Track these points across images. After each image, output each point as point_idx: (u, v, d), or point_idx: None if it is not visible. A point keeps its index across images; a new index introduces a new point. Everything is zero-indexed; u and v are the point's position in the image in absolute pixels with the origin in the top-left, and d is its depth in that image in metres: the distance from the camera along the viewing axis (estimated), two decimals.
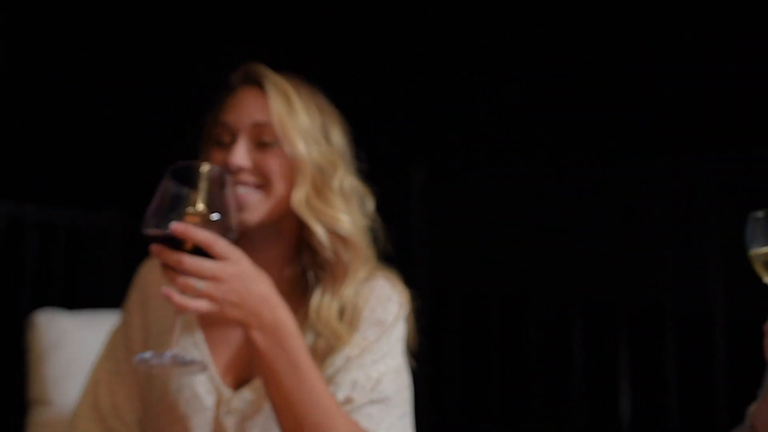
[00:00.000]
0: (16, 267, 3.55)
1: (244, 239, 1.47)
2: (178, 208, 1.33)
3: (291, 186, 1.52)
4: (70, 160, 5.08)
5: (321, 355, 1.51)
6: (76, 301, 3.70)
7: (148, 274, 1.65)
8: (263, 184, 1.51)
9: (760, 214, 1.45)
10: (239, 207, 1.45)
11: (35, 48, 5.51)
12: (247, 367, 1.55)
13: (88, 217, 3.83)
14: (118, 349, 1.62)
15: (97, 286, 3.82)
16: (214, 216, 1.35)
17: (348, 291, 1.54)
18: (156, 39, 4.93)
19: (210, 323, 1.59)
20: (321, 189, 1.54)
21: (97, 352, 1.72)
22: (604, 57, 3.96)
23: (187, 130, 1.87)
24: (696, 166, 2.89)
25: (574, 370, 2.80)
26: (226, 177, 1.36)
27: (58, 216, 3.72)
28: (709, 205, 2.73)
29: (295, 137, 1.51)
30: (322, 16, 4.80)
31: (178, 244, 1.31)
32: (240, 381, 1.54)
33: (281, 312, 1.38)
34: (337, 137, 1.59)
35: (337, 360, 1.50)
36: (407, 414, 1.55)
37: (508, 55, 4.26)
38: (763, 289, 1.38)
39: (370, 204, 1.63)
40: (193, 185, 1.34)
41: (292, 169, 1.52)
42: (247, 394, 1.51)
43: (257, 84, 1.55)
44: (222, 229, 1.35)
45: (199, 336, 1.57)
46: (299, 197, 1.51)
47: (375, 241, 1.61)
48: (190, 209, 1.35)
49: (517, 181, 2.99)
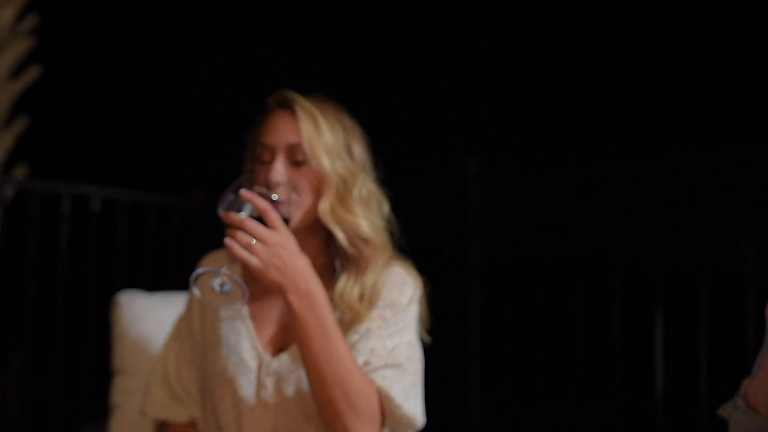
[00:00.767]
0: (110, 247, 3.92)
1: (294, 236, 1.78)
2: (249, 188, 1.70)
3: (319, 197, 1.83)
4: (161, 148, 5.52)
5: (344, 329, 1.82)
6: (165, 279, 4.03)
7: (206, 264, 1.98)
8: (296, 197, 1.83)
9: None
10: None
11: (124, 41, 5.97)
12: (284, 338, 1.87)
13: (177, 199, 4.12)
14: (182, 331, 1.97)
15: (185, 265, 4.09)
16: (274, 196, 1.72)
17: (368, 279, 1.85)
18: (231, 34, 5.33)
19: (254, 300, 1.91)
20: (344, 198, 1.84)
21: (168, 331, 2.07)
22: (647, 47, 4.13)
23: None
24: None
25: (612, 336, 3.01)
26: None
27: (148, 199, 4.01)
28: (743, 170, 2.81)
29: (321, 155, 1.81)
30: (379, 11, 5.09)
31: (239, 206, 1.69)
32: (278, 349, 1.86)
33: (315, 284, 1.72)
34: (358, 150, 1.89)
35: (358, 332, 1.81)
36: (419, 383, 1.84)
37: (553, 47, 4.46)
38: None
39: (386, 206, 1.93)
40: None
41: (320, 183, 1.82)
42: (284, 358, 1.83)
43: (290, 108, 1.85)
44: (278, 208, 1.73)
45: (245, 311, 1.90)
46: (325, 207, 1.82)
47: (392, 234, 1.91)
48: (258, 188, 1.72)
49: (563, 170, 3.21)
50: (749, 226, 2.65)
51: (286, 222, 1.76)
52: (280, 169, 1.81)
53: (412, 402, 1.81)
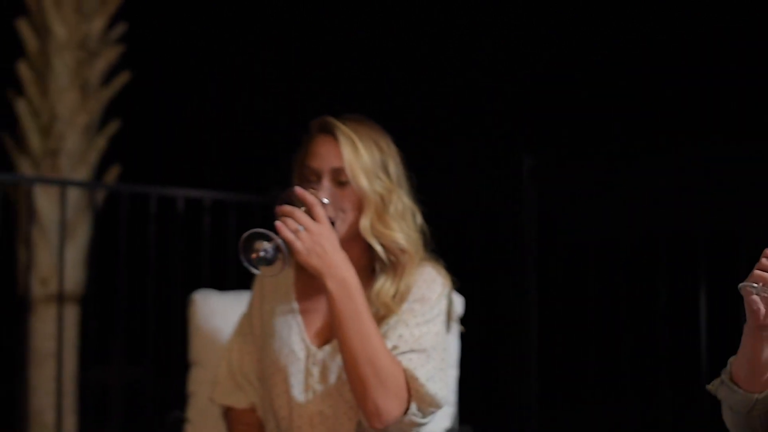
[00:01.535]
0: (195, 244, 4.20)
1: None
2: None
3: (360, 213, 2.10)
4: (242, 149, 5.86)
5: (377, 323, 2.07)
6: (247, 274, 4.41)
7: (265, 275, 2.25)
8: (340, 215, 2.10)
9: None
10: None
11: (207, 47, 6.32)
12: (329, 332, 2.14)
13: (257, 197, 4.36)
14: (244, 328, 2.26)
15: None
16: (325, 200, 2.01)
17: (403, 281, 2.11)
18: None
19: (303, 297, 2.20)
20: (382, 214, 2.10)
21: (233, 329, 2.36)
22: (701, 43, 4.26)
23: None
24: None
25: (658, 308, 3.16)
26: None
27: (229, 198, 4.30)
28: None
29: (361, 177, 2.07)
30: (440, 16, 5.34)
31: (296, 205, 1.97)
32: (323, 341, 2.14)
33: (350, 273, 2.01)
34: (393, 168, 2.15)
35: (388, 324, 2.07)
36: (444, 369, 2.09)
37: (603, 50, 4.63)
38: None
39: (419, 217, 2.19)
40: None
41: (361, 201, 2.09)
42: (327, 349, 2.11)
43: (331, 134, 2.10)
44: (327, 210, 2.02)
45: (295, 305, 2.19)
46: (365, 224, 2.09)
47: (425, 239, 2.17)
48: (311, 190, 2.01)
49: (614, 167, 3.38)
50: None
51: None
52: (326, 191, 2.07)
53: (435, 383, 2.05)
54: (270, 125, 5.91)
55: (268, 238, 1.94)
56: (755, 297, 1.74)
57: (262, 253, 1.94)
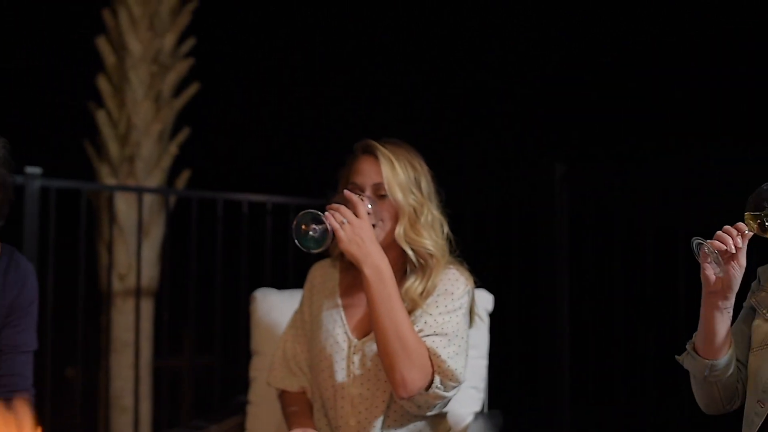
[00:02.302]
0: (258, 245, 4.49)
1: None
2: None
3: (396, 222, 2.44)
4: (300, 155, 6.18)
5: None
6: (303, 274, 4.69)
7: (315, 272, 2.66)
8: (379, 224, 2.44)
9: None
10: None
11: (269, 60, 6.63)
12: (368, 325, 2.48)
13: (315, 201, 4.55)
14: (296, 321, 2.62)
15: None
16: (368, 205, 2.36)
17: (430, 281, 2.45)
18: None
19: (346, 295, 2.56)
20: (414, 224, 2.44)
21: (288, 322, 2.72)
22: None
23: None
24: None
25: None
26: None
27: (290, 201, 4.54)
28: None
29: (397, 191, 2.42)
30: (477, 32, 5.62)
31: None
32: (363, 333, 2.49)
33: (384, 262, 2.34)
34: (425, 185, 2.49)
35: (415, 315, 2.41)
36: (463, 352, 2.42)
37: (630, 68, 4.88)
38: None
39: (446, 227, 2.52)
40: None
41: (397, 212, 2.43)
42: (367, 340, 2.45)
43: (372, 154, 2.45)
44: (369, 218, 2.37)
45: (339, 302, 2.56)
46: (399, 232, 2.43)
47: (451, 245, 2.51)
48: (359, 193, 2.37)
49: (638, 172, 3.63)
50: None
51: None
52: (367, 202, 2.42)
53: (455, 361, 2.38)
54: (327, 134, 6.24)
55: (320, 222, 2.30)
56: (707, 264, 2.03)
57: (311, 233, 2.30)
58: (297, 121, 6.64)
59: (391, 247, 2.46)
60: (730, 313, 2.10)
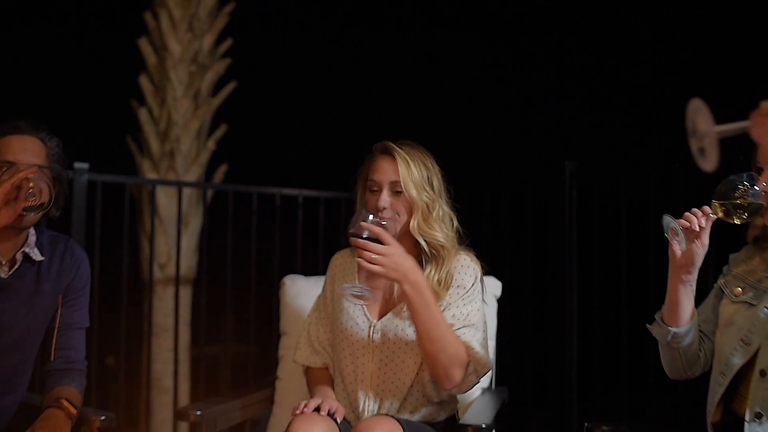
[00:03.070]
0: (290, 235, 4.71)
1: None
2: (365, 218, 2.59)
3: (411, 216, 2.73)
4: (330, 150, 6.43)
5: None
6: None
7: (336, 260, 2.96)
8: (395, 217, 2.73)
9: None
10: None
11: (301, 59, 6.86)
12: (384, 307, 2.79)
13: (344, 194, 4.80)
14: (320, 305, 2.93)
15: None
16: (384, 222, 2.59)
17: (444, 269, 2.74)
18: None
19: (365, 281, 2.82)
20: (426, 217, 2.73)
21: (312, 306, 3.01)
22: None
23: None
24: None
25: None
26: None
27: (320, 194, 4.77)
28: None
29: (411, 188, 2.71)
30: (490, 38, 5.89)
31: (370, 239, 2.56)
32: (381, 315, 2.79)
33: (419, 275, 2.60)
34: (437, 183, 2.78)
35: (440, 306, 2.69)
36: (487, 337, 2.72)
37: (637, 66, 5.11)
38: None
39: (455, 221, 2.81)
40: None
41: (411, 207, 2.72)
42: (385, 320, 2.76)
43: (390, 155, 2.74)
44: (385, 212, 2.65)
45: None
46: (414, 225, 2.73)
47: (460, 237, 2.79)
48: (370, 218, 2.60)
49: (639, 169, 3.87)
50: None
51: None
52: (385, 198, 2.72)
53: (485, 350, 2.70)
54: (355, 132, 6.49)
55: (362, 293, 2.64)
56: (675, 241, 2.31)
57: (355, 292, 2.63)
58: (327, 119, 6.92)
59: (406, 237, 2.76)
60: (693, 287, 2.38)
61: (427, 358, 2.65)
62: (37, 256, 2.79)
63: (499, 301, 3.35)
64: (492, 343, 3.21)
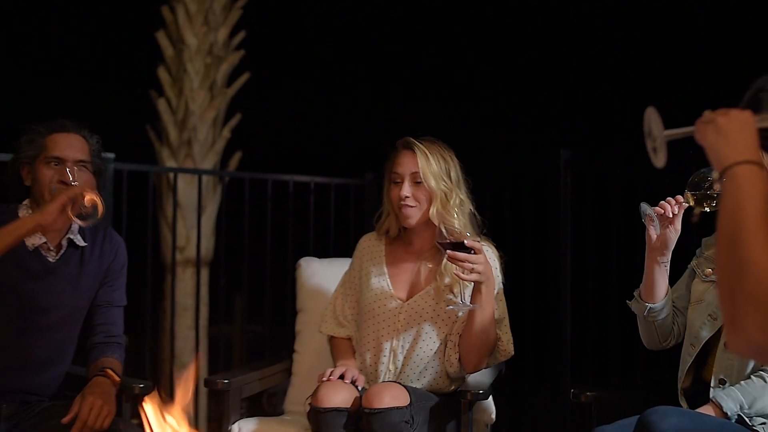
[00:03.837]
0: (303, 220, 5.01)
1: (416, 229, 3.08)
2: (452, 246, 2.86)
3: (430, 204, 3.02)
4: (341, 139, 6.72)
5: (447, 290, 3.04)
6: (345, 244, 5.01)
7: (363, 243, 3.26)
8: (417, 205, 3.04)
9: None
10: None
11: (313, 52, 7.10)
12: (411, 290, 3.10)
13: (353, 181, 5.12)
14: (346, 282, 3.23)
15: (359, 233, 5.16)
16: (466, 242, 2.81)
17: None
18: None
19: (391, 264, 3.16)
20: (445, 205, 3.03)
21: (333, 284, 3.30)
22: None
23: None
24: None
25: None
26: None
27: (330, 181, 5.05)
28: None
29: (430, 179, 3.01)
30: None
31: (459, 246, 2.82)
32: (409, 296, 3.09)
33: (492, 275, 2.91)
34: (454, 174, 3.07)
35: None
36: (508, 326, 3.04)
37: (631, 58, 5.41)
38: None
39: (471, 208, 3.09)
40: None
41: (431, 196, 3.02)
42: (412, 302, 3.06)
43: (411, 149, 3.04)
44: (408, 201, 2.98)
45: (385, 269, 3.16)
46: (433, 212, 3.03)
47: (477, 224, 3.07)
48: (454, 237, 2.83)
49: (630, 157, 4.16)
50: None
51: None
52: (407, 188, 3.04)
53: (510, 339, 3.05)
54: (364, 121, 6.83)
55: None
56: (651, 226, 2.63)
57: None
58: (337, 108, 7.22)
59: (427, 224, 3.08)
60: (667, 267, 2.70)
61: (468, 347, 2.98)
62: (80, 241, 3.09)
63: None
64: None
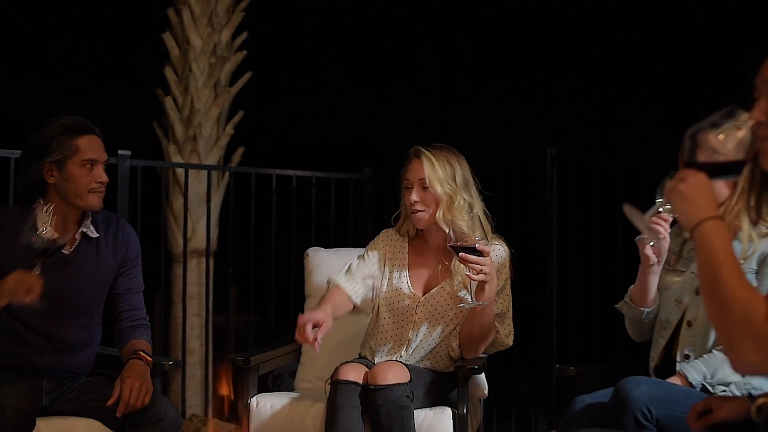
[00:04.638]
0: (305, 212, 5.33)
1: (429, 229, 3.39)
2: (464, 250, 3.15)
3: (437, 207, 3.32)
4: (340, 136, 7.04)
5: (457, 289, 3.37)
6: (344, 235, 5.43)
7: (383, 237, 3.57)
8: (426, 209, 3.35)
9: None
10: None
11: (312, 51, 7.33)
12: (428, 284, 3.42)
13: (352, 175, 5.45)
14: (363, 261, 3.50)
15: (357, 225, 5.51)
16: (477, 245, 3.09)
17: None
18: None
19: (412, 262, 3.48)
20: (450, 208, 3.33)
21: (336, 271, 3.55)
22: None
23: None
24: None
25: None
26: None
27: (331, 176, 5.36)
28: None
29: (436, 185, 3.32)
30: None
31: (470, 249, 3.11)
32: (426, 290, 3.41)
33: (495, 275, 3.18)
34: (459, 178, 3.36)
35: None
36: (511, 318, 3.38)
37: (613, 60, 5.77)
38: None
39: (476, 209, 3.37)
40: None
41: (437, 200, 3.32)
42: (428, 296, 3.39)
43: (419, 157, 3.34)
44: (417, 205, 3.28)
45: (406, 266, 3.46)
46: (439, 215, 3.34)
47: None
48: (464, 243, 3.11)
49: (612, 157, 4.53)
50: None
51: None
52: (416, 194, 3.36)
53: (509, 332, 3.39)
54: (362, 118, 7.16)
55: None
56: (648, 247, 2.95)
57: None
58: (337, 106, 7.55)
59: (436, 226, 3.38)
60: (659, 273, 3.01)
61: (467, 337, 3.32)
62: (93, 233, 3.36)
63: None
64: None
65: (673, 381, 2.86)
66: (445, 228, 3.29)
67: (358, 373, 3.22)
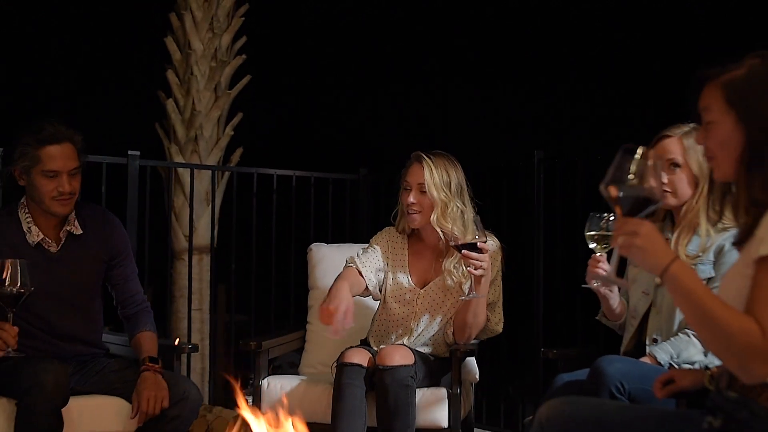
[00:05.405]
0: (304, 211, 5.61)
1: (424, 228, 3.73)
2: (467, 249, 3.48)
3: (432, 211, 3.63)
4: (337, 137, 7.34)
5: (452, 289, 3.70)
6: (341, 233, 5.68)
7: (385, 235, 3.89)
8: (421, 211, 3.67)
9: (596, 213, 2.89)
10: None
11: (310, 55, 7.63)
12: (427, 277, 3.75)
13: (349, 176, 5.73)
14: (370, 250, 3.82)
15: (354, 223, 5.80)
16: (479, 244, 3.43)
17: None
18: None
19: (412, 257, 3.80)
20: (444, 212, 3.66)
21: (339, 266, 3.85)
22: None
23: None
24: None
25: None
26: None
27: (328, 176, 5.65)
28: None
29: (432, 189, 3.65)
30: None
31: (471, 246, 3.44)
32: (424, 283, 3.74)
33: (490, 269, 3.51)
34: (454, 185, 3.69)
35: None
36: (501, 307, 3.72)
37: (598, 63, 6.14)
38: None
39: (470, 215, 3.70)
40: None
41: (432, 204, 3.63)
42: (427, 288, 3.73)
43: (419, 162, 3.66)
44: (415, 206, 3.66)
45: (407, 263, 3.79)
46: (433, 218, 3.67)
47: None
48: (466, 241, 3.47)
49: (596, 159, 4.88)
50: None
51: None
52: (413, 196, 3.68)
53: (498, 320, 3.72)
54: (358, 120, 7.48)
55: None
56: (600, 288, 3.26)
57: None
58: (332, 109, 7.89)
59: (431, 228, 3.71)
60: (617, 292, 3.35)
61: (460, 324, 3.64)
62: (77, 230, 3.54)
63: None
64: None
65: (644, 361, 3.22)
66: (439, 231, 3.64)
67: (363, 357, 3.58)
